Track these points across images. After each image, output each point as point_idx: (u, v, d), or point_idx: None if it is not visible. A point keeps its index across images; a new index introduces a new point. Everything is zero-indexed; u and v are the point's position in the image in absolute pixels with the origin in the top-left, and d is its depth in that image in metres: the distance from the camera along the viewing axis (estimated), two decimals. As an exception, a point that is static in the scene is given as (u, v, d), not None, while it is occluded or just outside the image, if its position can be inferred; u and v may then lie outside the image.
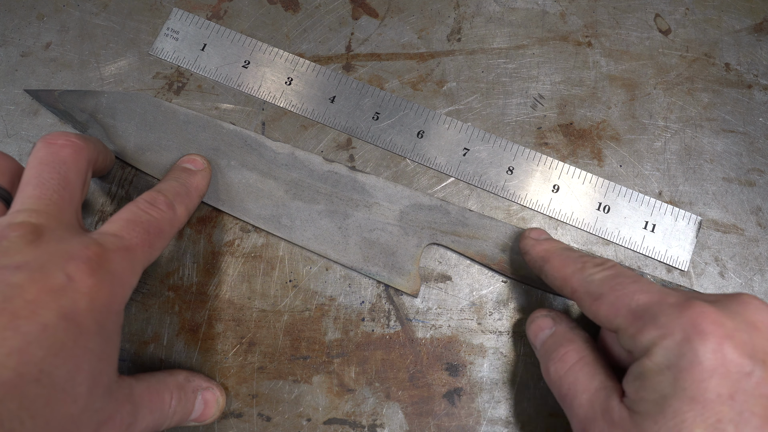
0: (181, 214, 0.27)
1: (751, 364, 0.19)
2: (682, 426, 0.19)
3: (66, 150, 0.25)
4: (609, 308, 0.23)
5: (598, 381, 0.23)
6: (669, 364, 0.20)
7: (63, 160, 0.24)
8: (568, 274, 0.25)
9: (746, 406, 0.19)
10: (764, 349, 0.20)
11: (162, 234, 0.25)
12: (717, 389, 0.19)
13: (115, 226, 0.24)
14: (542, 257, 0.27)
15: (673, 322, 0.20)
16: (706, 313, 0.20)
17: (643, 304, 0.22)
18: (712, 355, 0.19)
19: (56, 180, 0.24)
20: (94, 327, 0.21)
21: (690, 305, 0.21)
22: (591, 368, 0.24)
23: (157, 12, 0.35)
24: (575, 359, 0.24)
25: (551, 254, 0.27)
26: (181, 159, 0.31)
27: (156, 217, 0.25)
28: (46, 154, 0.24)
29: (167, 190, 0.27)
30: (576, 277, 0.25)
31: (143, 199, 0.26)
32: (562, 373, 0.24)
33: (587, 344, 0.25)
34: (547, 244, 0.28)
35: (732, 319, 0.20)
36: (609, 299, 0.23)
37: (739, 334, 0.20)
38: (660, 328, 0.21)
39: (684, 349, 0.20)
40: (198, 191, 0.30)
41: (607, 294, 0.23)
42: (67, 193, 0.24)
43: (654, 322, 0.21)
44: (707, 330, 0.20)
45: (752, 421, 0.18)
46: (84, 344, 0.20)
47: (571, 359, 0.24)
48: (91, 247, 0.22)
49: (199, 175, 0.30)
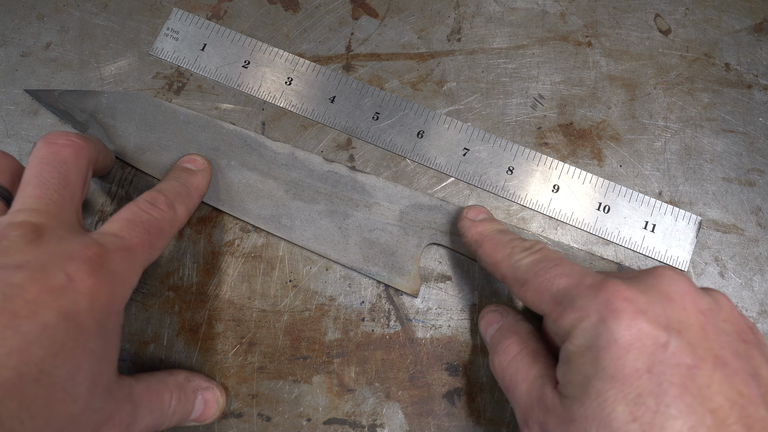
0: (182, 214, 0.27)
1: (666, 335, 0.19)
2: (604, 405, 0.19)
3: (66, 149, 0.25)
4: (534, 294, 0.23)
5: (537, 370, 0.23)
6: (588, 345, 0.20)
7: (63, 160, 0.24)
8: (498, 259, 0.25)
9: (664, 377, 0.19)
10: (679, 318, 0.20)
11: (162, 234, 0.26)
12: (634, 364, 0.19)
13: (115, 226, 0.24)
14: (476, 241, 0.27)
15: (588, 303, 0.21)
16: (619, 291, 0.20)
17: (562, 288, 0.22)
18: (626, 331, 0.19)
19: (57, 179, 0.24)
20: (94, 327, 0.21)
21: (604, 285, 0.21)
22: (531, 358, 0.24)
23: (157, 12, 0.35)
24: (517, 350, 0.24)
25: (484, 238, 0.27)
26: (182, 159, 0.31)
27: (156, 217, 0.25)
28: (47, 153, 0.24)
29: (168, 190, 0.27)
30: (505, 263, 0.25)
31: (144, 198, 0.26)
32: (505, 365, 0.24)
33: (530, 335, 0.25)
34: (481, 227, 0.28)
35: (645, 294, 0.21)
36: (533, 285, 0.23)
37: (652, 307, 0.20)
38: (577, 310, 0.21)
39: (600, 329, 0.20)
40: (198, 191, 0.30)
41: (532, 280, 0.23)
42: (67, 192, 0.24)
43: (572, 306, 0.21)
44: (620, 307, 0.20)
45: (671, 390, 0.18)
46: (84, 344, 0.20)
47: (513, 351, 0.25)
48: (91, 247, 0.22)
49: (200, 175, 0.30)
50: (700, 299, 0.21)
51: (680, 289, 0.21)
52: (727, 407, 0.18)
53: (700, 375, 0.19)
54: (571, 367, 0.21)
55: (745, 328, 0.22)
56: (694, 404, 0.18)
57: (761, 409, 0.19)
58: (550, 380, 0.22)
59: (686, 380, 0.19)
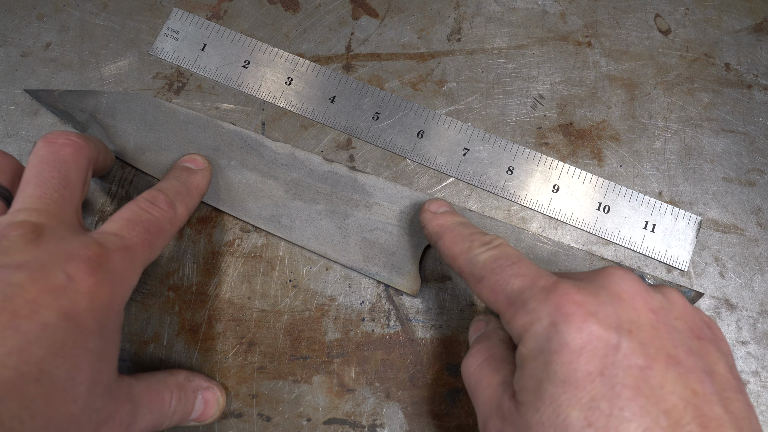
0: (182, 213, 0.27)
1: (617, 336, 0.19)
2: (559, 410, 0.19)
3: (67, 149, 0.25)
4: (489, 292, 0.23)
5: (500, 377, 0.23)
6: (540, 349, 0.20)
7: (64, 159, 0.24)
8: (457, 252, 0.25)
9: (617, 379, 0.18)
10: (630, 318, 0.20)
11: (162, 233, 0.25)
12: (586, 368, 0.19)
13: (115, 225, 0.24)
14: (437, 232, 0.27)
15: (540, 306, 0.20)
16: (570, 294, 0.20)
17: (516, 288, 0.22)
18: (577, 334, 0.19)
19: (57, 179, 0.24)
20: (94, 327, 0.21)
21: (555, 288, 0.21)
22: (497, 365, 0.23)
23: (157, 12, 0.35)
24: (485, 356, 0.24)
25: (445, 230, 0.27)
26: (182, 158, 0.31)
27: (157, 216, 0.25)
28: (47, 153, 0.24)
29: (168, 189, 0.27)
30: (463, 257, 0.25)
31: (144, 197, 0.26)
32: (471, 370, 0.24)
33: (501, 343, 0.25)
34: (443, 219, 0.28)
35: (596, 296, 0.20)
36: (489, 283, 0.23)
37: (603, 308, 0.20)
38: (529, 313, 0.21)
39: (551, 333, 0.20)
40: (198, 190, 0.30)
41: (488, 277, 0.23)
42: (67, 192, 0.24)
43: (524, 308, 0.21)
44: (570, 311, 0.20)
45: (624, 393, 0.18)
46: (84, 344, 0.20)
47: (481, 356, 0.24)
48: (91, 246, 0.22)
49: (200, 174, 0.30)
50: (650, 298, 0.21)
51: (630, 289, 0.21)
52: (681, 407, 0.18)
53: (652, 375, 0.19)
54: (524, 371, 0.20)
55: (700, 324, 0.21)
56: (647, 406, 0.18)
57: (716, 407, 0.19)
58: (509, 388, 0.22)
59: (639, 381, 0.18)
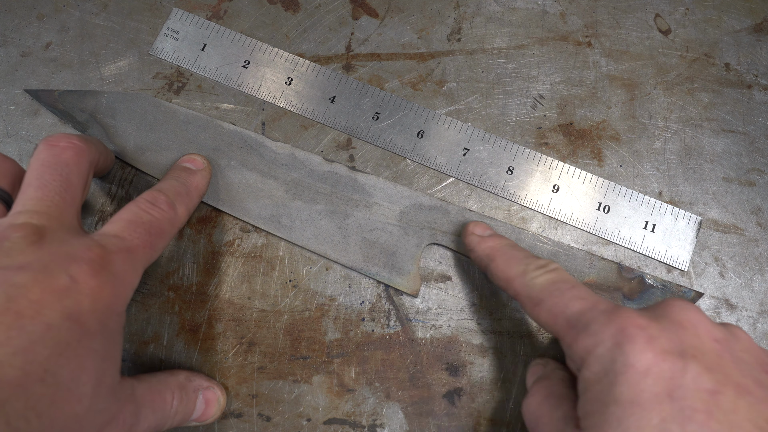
0: (182, 214, 0.27)
1: (681, 360, 0.19)
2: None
3: (68, 152, 0.25)
4: (548, 315, 0.23)
5: (561, 412, 0.23)
6: (605, 371, 0.20)
7: (65, 162, 0.24)
8: (512, 275, 0.25)
9: (686, 402, 0.18)
10: (693, 345, 0.20)
11: (163, 234, 0.26)
12: (653, 389, 0.19)
13: (116, 227, 0.24)
14: (488, 255, 0.27)
15: (602, 328, 0.20)
16: (632, 317, 0.20)
17: (576, 311, 0.22)
18: (642, 355, 0.19)
19: (58, 182, 0.24)
20: (97, 327, 0.21)
21: (617, 312, 0.21)
22: (557, 400, 0.23)
23: (157, 12, 0.35)
24: (544, 394, 0.24)
25: (496, 252, 0.27)
26: (181, 158, 0.31)
27: (157, 217, 0.25)
28: (48, 156, 0.24)
29: (168, 190, 0.27)
30: (519, 280, 0.25)
31: (144, 198, 0.26)
32: (532, 408, 0.24)
33: (561, 381, 0.25)
34: (492, 241, 0.28)
35: (657, 321, 0.21)
36: (547, 305, 0.23)
37: (665, 333, 0.20)
38: (592, 335, 0.21)
39: (615, 354, 0.20)
40: (198, 191, 0.30)
41: (546, 300, 0.23)
42: (68, 195, 0.24)
43: (586, 330, 0.21)
44: (633, 333, 0.20)
45: (696, 417, 0.18)
46: (88, 344, 0.20)
47: (540, 394, 0.24)
48: (93, 248, 0.22)
49: (199, 175, 0.30)
50: (713, 328, 0.21)
51: (692, 318, 0.21)
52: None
53: (723, 401, 0.18)
54: (588, 396, 0.20)
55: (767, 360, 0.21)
56: (721, 430, 0.18)
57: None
58: (572, 421, 0.22)
59: (710, 406, 0.18)
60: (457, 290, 0.31)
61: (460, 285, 0.31)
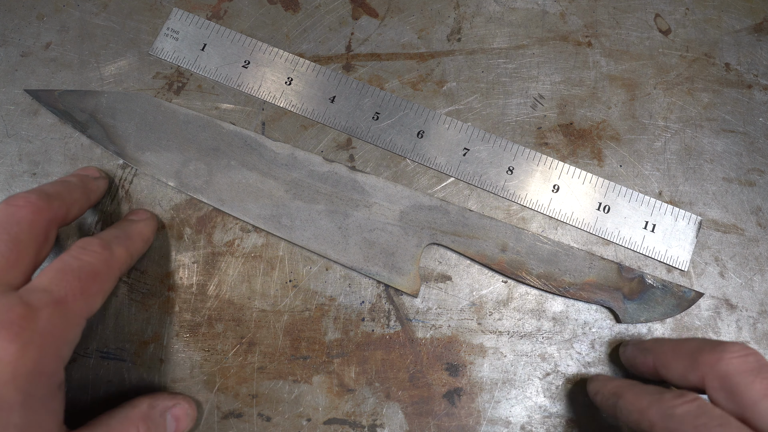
0: (120, 254, 0.26)
1: None
2: None
3: (23, 211, 0.24)
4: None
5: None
6: None
7: (17, 221, 0.24)
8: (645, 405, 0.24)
9: None
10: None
11: (97, 277, 0.24)
12: None
13: (44, 279, 0.23)
14: (614, 393, 0.26)
15: None
16: None
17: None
18: None
19: (4, 241, 0.23)
20: (17, 398, 0.20)
21: None
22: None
23: (157, 12, 0.35)
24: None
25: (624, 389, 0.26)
26: (127, 213, 0.31)
27: (88, 261, 0.24)
28: (2, 215, 0.24)
29: (103, 234, 0.27)
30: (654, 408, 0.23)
31: (75, 245, 0.25)
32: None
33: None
34: (618, 381, 0.27)
35: None
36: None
37: None
38: None
39: None
40: (141, 235, 0.29)
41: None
42: (13, 254, 0.23)
43: None
44: None
45: None
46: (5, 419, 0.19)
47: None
48: (14, 308, 0.21)
49: (142, 223, 0.30)
50: None
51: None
52: None
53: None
54: None
55: None
56: None
57: None
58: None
59: None
60: (457, 290, 0.31)
61: (460, 285, 0.31)
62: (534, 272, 0.31)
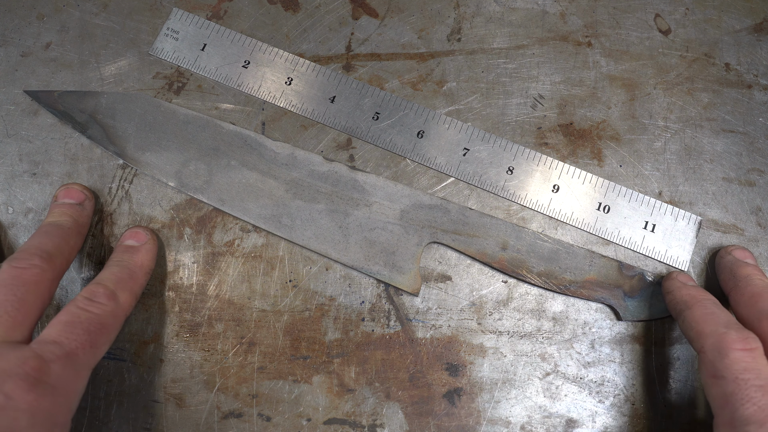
0: (126, 302, 0.27)
1: None
2: None
3: (27, 273, 0.25)
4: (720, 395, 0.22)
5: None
6: None
7: (23, 283, 0.24)
8: (707, 332, 0.24)
9: None
10: None
11: (105, 329, 0.25)
12: None
13: (53, 332, 0.24)
14: (686, 302, 0.26)
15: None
16: None
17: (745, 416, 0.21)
18: None
19: (11, 302, 0.24)
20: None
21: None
22: None
23: (157, 12, 0.35)
24: None
25: (696, 302, 0.26)
26: (124, 234, 0.30)
27: (97, 313, 0.25)
28: (8, 276, 0.24)
29: (108, 279, 0.27)
30: (712, 339, 0.23)
31: (82, 295, 0.25)
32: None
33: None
34: (695, 291, 0.27)
35: None
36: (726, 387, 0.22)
37: None
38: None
39: None
40: (143, 269, 0.29)
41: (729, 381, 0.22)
42: (20, 314, 0.24)
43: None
44: None
45: None
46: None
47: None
48: (28, 361, 0.22)
49: (143, 251, 0.29)
50: None
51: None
52: None
53: None
54: None
55: None
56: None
57: None
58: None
59: None
60: (457, 290, 0.31)
61: (460, 285, 0.31)
62: (534, 270, 0.31)
